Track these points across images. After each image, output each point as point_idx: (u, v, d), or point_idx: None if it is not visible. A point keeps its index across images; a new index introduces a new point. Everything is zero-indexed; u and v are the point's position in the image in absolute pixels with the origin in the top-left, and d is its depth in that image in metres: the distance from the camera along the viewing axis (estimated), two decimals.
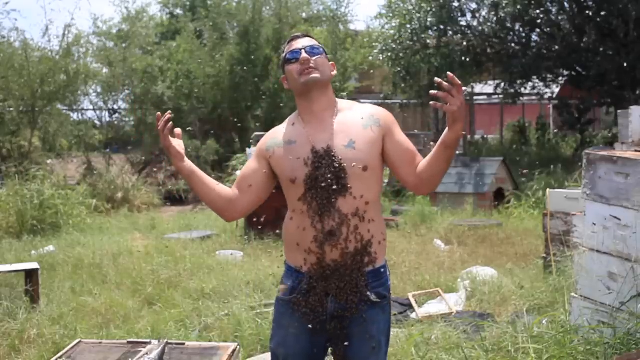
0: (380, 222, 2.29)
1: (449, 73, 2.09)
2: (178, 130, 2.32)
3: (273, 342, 2.39)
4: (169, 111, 2.32)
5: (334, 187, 2.20)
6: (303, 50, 2.29)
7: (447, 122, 2.15)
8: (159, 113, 2.28)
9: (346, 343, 2.27)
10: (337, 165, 2.21)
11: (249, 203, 2.35)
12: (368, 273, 2.25)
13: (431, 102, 2.17)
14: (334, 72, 2.36)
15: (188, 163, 2.30)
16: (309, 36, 2.36)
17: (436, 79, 2.11)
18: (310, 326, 2.27)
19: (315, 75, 2.26)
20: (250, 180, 2.34)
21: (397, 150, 2.29)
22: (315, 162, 2.22)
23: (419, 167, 2.28)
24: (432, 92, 2.12)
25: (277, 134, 2.37)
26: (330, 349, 2.35)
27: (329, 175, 2.20)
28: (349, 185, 2.21)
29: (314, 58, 2.28)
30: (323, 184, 2.20)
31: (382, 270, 2.31)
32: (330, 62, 2.35)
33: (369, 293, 2.25)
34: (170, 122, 2.26)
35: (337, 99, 2.37)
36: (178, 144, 2.30)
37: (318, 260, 2.23)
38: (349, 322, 2.26)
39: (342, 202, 2.20)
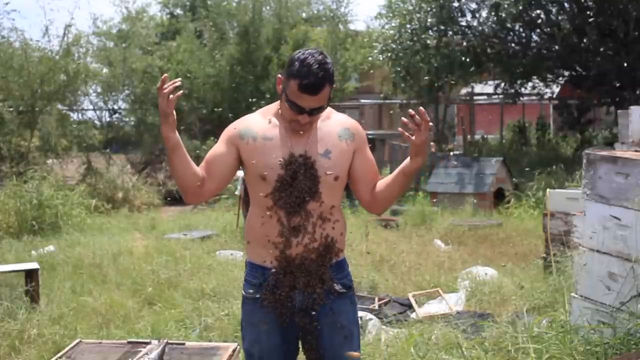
0: (342, 221, 2.36)
1: (420, 108, 2.20)
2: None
3: (245, 341, 2.42)
4: (180, 78, 2.28)
5: (307, 191, 2.25)
6: (306, 114, 2.23)
7: (410, 154, 2.25)
8: (165, 75, 2.22)
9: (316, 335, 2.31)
10: (312, 171, 2.26)
11: (214, 189, 2.37)
12: (332, 266, 2.33)
13: (399, 129, 2.26)
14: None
15: (177, 135, 2.27)
16: (326, 80, 2.22)
17: (410, 110, 2.20)
18: (280, 321, 2.31)
19: (307, 128, 2.28)
20: (218, 166, 2.33)
21: (362, 167, 2.37)
22: (291, 165, 2.26)
23: (376, 187, 2.37)
24: (403, 119, 2.21)
25: (251, 124, 2.35)
26: (300, 343, 2.39)
27: (302, 180, 2.25)
28: (320, 192, 2.27)
29: (313, 118, 2.26)
30: (296, 188, 2.25)
31: (343, 262, 2.39)
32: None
33: (334, 285, 2.32)
34: (180, 91, 2.21)
35: None
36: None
37: (283, 254, 2.28)
38: (317, 315, 2.31)
39: (310, 205, 2.27)
